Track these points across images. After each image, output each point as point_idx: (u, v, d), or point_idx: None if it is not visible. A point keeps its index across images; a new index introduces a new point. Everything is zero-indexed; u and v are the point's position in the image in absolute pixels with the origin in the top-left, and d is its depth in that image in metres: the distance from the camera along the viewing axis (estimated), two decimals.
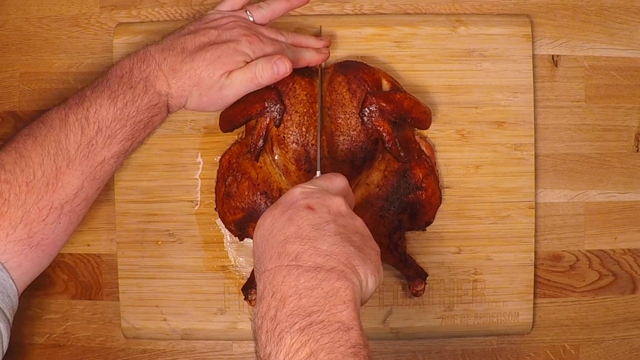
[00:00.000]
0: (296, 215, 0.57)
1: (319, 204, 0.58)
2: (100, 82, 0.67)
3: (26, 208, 0.62)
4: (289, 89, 0.75)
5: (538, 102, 0.85)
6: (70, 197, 0.64)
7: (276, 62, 0.70)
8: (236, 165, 0.78)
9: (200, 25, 0.72)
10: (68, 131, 0.64)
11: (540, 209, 0.85)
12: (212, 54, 0.69)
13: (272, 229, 0.57)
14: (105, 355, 0.86)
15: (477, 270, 0.83)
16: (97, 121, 0.64)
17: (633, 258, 0.86)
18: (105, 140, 0.65)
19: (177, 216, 0.83)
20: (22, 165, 0.62)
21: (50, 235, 0.64)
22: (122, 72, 0.67)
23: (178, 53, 0.68)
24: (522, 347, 0.86)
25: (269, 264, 0.55)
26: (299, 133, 0.75)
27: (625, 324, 0.86)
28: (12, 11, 0.86)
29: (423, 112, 0.77)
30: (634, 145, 0.86)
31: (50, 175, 0.63)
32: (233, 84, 0.70)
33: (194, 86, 0.69)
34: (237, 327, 0.83)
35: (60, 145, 0.63)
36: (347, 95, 0.75)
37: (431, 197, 0.78)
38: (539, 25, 0.85)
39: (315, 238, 0.55)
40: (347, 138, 0.75)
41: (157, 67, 0.67)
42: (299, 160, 0.76)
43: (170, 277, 0.83)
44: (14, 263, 0.62)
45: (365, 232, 0.59)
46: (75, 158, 0.63)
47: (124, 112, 0.65)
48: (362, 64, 0.78)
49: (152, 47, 0.70)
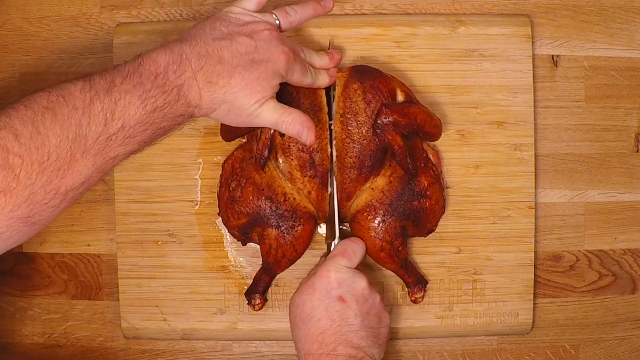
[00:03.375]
0: (331, 307, 0.71)
1: (349, 294, 0.72)
2: (132, 73, 0.64)
3: (34, 189, 0.60)
4: (293, 98, 0.75)
5: (538, 102, 0.85)
6: (76, 185, 0.62)
7: (304, 129, 0.69)
8: (240, 170, 0.78)
9: (233, 28, 0.69)
10: (91, 120, 0.61)
11: (540, 209, 0.85)
12: (251, 74, 0.67)
13: (311, 317, 0.71)
14: (105, 355, 0.86)
15: (477, 270, 0.83)
16: (123, 118, 0.62)
17: (633, 258, 0.86)
18: (125, 139, 0.63)
19: (177, 216, 0.83)
20: (38, 143, 0.59)
21: (47, 216, 0.62)
22: (156, 71, 0.64)
23: (215, 63, 0.66)
24: (522, 347, 0.86)
25: (311, 349, 0.70)
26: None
27: (625, 324, 0.86)
28: (12, 11, 0.86)
29: (435, 125, 0.77)
30: (634, 145, 0.86)
31: (64, 161, 0.60)
32: (261, 116, 0.69)
33: (226, 102, 0.67)
34: (237, 327, 0.83)
35: (80, 132, 0.60)
36: (362, 105, 0.75)
37: (435, 205, 0.78)
38: (539, 25, 0.85)
39: (346, 332, 0.70)
40: (357, 146, 0.75)
41: (193, 75, 0.65)
42: (304, 167, 0.76)
43: (170, 277, 0.83)
44: (6, 236, 0.60)
45: (380, 309, 0.74)
46: (91, 149, 0.61)
47: (151, 116, 0.63)
48: (378, 71, 0.77)
49: (188, 48, 0.66)
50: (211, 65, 0.66)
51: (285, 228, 0.76)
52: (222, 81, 0.66)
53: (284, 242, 0.76)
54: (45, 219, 0.62)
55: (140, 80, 0.63)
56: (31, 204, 0.60)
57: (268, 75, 0.68)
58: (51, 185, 0.60)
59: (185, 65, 0.64)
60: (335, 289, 0.72)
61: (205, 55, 0.66)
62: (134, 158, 0.81)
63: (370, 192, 0.77)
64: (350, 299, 0.72)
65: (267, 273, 0.79)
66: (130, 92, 0.62)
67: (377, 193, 0.77)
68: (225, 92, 0.66)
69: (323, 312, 0.71)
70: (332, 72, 0.77)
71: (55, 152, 0.60)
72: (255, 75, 0.67)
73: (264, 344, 0.86)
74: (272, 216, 0.76)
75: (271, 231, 0.76)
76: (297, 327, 0.72)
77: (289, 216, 0.76)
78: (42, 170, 0.60)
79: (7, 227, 0.60)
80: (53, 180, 0.60)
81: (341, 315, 0.71)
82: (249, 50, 0.68)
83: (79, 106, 0.61)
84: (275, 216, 0.76)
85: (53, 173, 0.60)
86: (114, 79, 0.63)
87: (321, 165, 0.75)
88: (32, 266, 0.86)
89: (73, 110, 0.60)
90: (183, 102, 0.64)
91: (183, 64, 0.64)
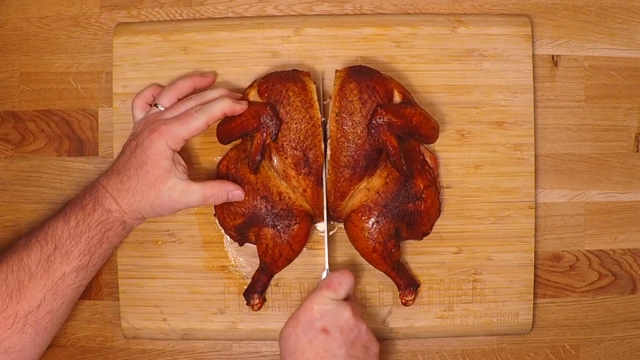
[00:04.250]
0: (315, 339, 0.70)
1: (333, 326, 0.71)
2: (57, 212, 0.76)
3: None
4: (283, 97, 0.75)
5: (538, 102, 0.85)
6: (33, 307, 0.72)
7: (232, 193, 0.76)
8: (234, 171, 0.78)
9: (126, 143, 0.77)
10: (29, 250, 0.73)
11: (540, 209, 0.85)
12: (138, 168, 0.73)
13: (295, 349, 0.70)
14: (105, 355, 0.86)
15: (477, 270, 0.83)
16: (54, 240, 0.73)
17: (633, 258, 0.86)
18: (63, 256, 0.73)
19: (177, 216, 0.83)
20: None
21: (17, 343, 0.72)
22: (75, 199, 0.76)
23: (116, 174, 0.75)
24: (522, 347, 0.86)
25: None
26: (297, 139, 0.75)
27: (625, 324, 0.86)
28: (12, 11, 0.86)
29: (431, 128, 0.77)
30: (634, 145, 0.86)
31: (14, 288, 0.71)
32: (183, 201, 0.75)
33: (142, 200, 0.74)
34: (237, 327, 0.83)
35: (22, 263, 0.72)
36: (358, 105, 0.75)
37: (430, 208, 0.78)
38: (539, 25, 0.85)
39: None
40: (351, 145, 0.75)
41: (104, 190, 0.74)
42: (298, 164, 0.76)
43: (170, 277, 0.83)
44: None
45: (367, 339, 0.73)
46: (36, 273, 0.72)
47: (77, 229, 0.73)
48: (376, 72, 0.77)
49: (100, 176, 0.76)
50: (114, 177, 0.74)
51: (282, 227, 0.76)
52: (125, 186, 0.74)
53: (281, 242, 0.76)
54: (16, 347, 0.72)
55: (62, 210, 0.75)
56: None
57: (152, 160, 0.73)
58: (8, 310, 0.71)
59: (97, 186, 0.75)
60: (318, 319, 0.71)
61: (110, 170, 0.76)
62: None
63: (366, 192, 0.77)
64: (334, 330, 0.71)
65: (264, 273, 0.79)
66: (55, 219, 0.74)
67: (373, 194, 0.77)
68: (133, 193, 0.73)
69: (307, 344, 0.70)
70: (223, 93, 0.78)
71: (5, 284, 0.71)
72: (140, 167, 0.73)
73: (264, 344, 0.85)
74: (268, 215, 0.76)
75: (267, 231, 0.76)
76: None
77: (285, 215, 0.76)
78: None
79: None
80: (8, 305, 0.71)
81: (325, 346, 0.70)
82: (133, 150, 0.74)
83: (20, 246, 0.73)
84: (271, 215, 0.76)
85: (7, 299, 0.71)
86: (44, 222, 0.75)
87: (315, 162, 0.76)
88: None
89: (15, 251, 0.73)
90: (101, 210, 0.74)
91: (96, 186, 0.75)
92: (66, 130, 0.86)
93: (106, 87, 0.85)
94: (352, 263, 0.82)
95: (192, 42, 0.83)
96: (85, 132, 0.86)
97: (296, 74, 0.77)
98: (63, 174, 0.86)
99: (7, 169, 0.86)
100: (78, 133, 0.86)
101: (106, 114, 0.85)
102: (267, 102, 0.75)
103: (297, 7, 0.85)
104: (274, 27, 0.83)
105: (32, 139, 0.86)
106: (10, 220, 0.86)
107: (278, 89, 0.75)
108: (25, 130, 0.86)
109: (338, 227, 0.82)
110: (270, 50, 0.83)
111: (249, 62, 0.83)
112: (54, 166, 0.86)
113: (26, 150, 0.86)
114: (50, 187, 0.85)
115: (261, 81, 0.77)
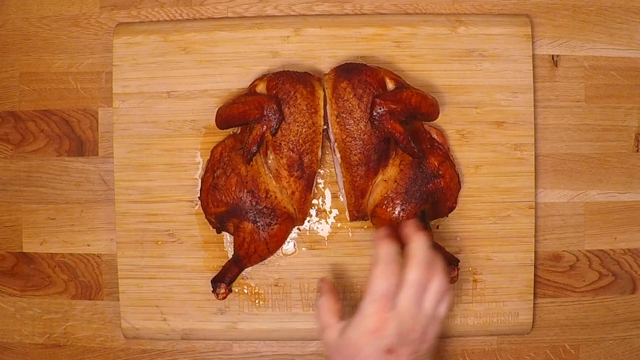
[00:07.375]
0: None
1: None
2: None
3: None
4: (290, 97, 0.75)
5: (538, 102, 0.85)
6: None
7: None
8: (227, 159, 0.78)
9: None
10: None
11: (540, 209, 0.85)
12: None
13: None
14: (105, 355, 0.86)
15: (477, 270, 0.83)
16: None
17: (633, 258, 0.86)
18: None
19: (177, 216, 0.83)
20: None
21: None
22: None
23: None
24: (522, 347, 0.86)
25: None
26: (296, 142, 0.75)
27: (625, 324, 0.86)
28: (12, 11, 0.86)
29: (430, 104, 0.76)
30: (634, 145, 0.86)
31: None
32: None
33: None
34: (237, 327, 0.83)
35: None
36: (354, 101, 0.75)
37: (450, 182, 0.78)
38: (539, 25, 0.85)
39: None
40: (359, 143, 0.75)
41: None
42: (291, 166, 0.76)
43: (170, 277, 0.83)
44: None
45: None
46: None
47: None
48: (363, 65, 0.77)
49: None
50: None
51: (262, 224, 0.76)
52: None
53: (258, 238, 0.77)
54: None
55: None
56: None
57: None
58: None
59: None
60: None
61: None
62: (134, 158, 0.82)
63: (384, 184, 0.77)
64: None
65: (236, 265, 0.79)
66: None
67: (391, 184, 0.77)
68: None
69: None
70: None
71: None
72: None
73: (264, 344, 0.86)
74: (251, 210, 0.76)
75: (247, 225, 0.76)
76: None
77: (268, 213, 0.76)
78: None
79: None
80: None
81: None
82: None
83: None
84: (253, 211, 0.76)
85: None
86: None
87: (309, 168, 0.76)
88: (32, 266, 0.86)
89: None
90: None
91: None
92: (66, 130, 0.86)
93: (106, 87, 0.85)
94: (352, 263, 0.82)
95: (192, 42, 0.83)
96: (85, 132, 0.86)
97: (307, 78, 0.77)
98: (63, 174, 0.86)
99: (7, 169, 0.86)
100: (78, 133, 0.86)
101: (106, 114, 0.85)
102: (273, 95, 0.75)
103: (297, 7, 0.85)
104: (274, 27, 0.83)
105: (32, 139, 0.86)
106: (10, 220, 0.86)
107: (287, 88, 0.75)
108: (25, 130, 0.86)
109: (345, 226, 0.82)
110: (270, 50, 0.83)
111: (249, 62, 0.83)
112: (54, 166, 0.86)
113: (26, 150, 0.86)
114: (50, 187, 0.85)
115: (272, 77, 0.77)
